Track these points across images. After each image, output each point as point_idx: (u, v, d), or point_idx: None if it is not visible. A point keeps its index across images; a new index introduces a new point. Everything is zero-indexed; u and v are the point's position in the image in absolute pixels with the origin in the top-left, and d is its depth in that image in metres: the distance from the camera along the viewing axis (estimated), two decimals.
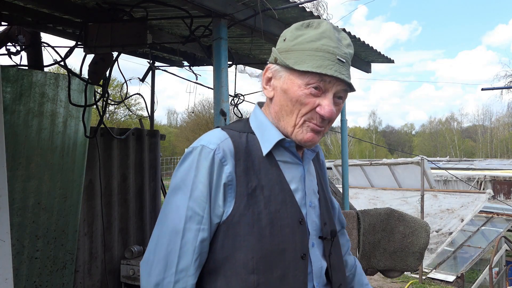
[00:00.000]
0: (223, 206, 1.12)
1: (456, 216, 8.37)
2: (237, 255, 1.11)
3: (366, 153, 45.99)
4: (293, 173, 1.21)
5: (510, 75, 29.61)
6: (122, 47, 3.06)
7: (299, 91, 1.13)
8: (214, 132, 1.20)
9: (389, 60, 5.08)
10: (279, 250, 1.12)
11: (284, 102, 1.16)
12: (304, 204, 1.21)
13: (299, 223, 1.17)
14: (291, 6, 2.90)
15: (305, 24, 1.19)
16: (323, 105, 1.13)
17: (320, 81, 1.13)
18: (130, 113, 26.60)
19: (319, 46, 1.14)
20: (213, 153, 1.12)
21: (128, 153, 4.50)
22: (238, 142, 1.16)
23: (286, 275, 1.12)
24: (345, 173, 4.85)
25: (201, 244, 1.12)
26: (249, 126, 1.23)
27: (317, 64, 1.12)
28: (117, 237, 4.37)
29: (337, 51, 1.15)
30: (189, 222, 1.11)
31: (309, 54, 1.13)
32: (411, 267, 3.97)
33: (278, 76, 1.19)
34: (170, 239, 1.12)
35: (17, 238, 3.25)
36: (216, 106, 2.73)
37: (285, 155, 1.21)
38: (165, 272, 1.11)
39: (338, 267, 1.28)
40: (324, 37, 1.15)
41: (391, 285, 8.01)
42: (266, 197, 1.14)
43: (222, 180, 1.12)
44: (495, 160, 25.97)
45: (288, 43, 1.18)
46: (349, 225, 3.85)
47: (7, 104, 3.16)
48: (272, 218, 1.13)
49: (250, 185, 1.13)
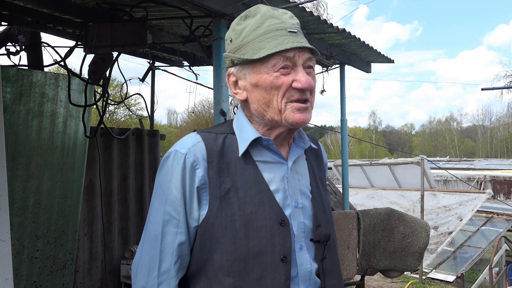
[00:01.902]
0: (199, 209, 1.13)
1: (453, 214, 8.36)
2: (215, 257, 1.12)
3: (366, 153, 46.00)
4: (274, 173, 1.18)
5: (510, 75, 29.62)
6: (122, 47, 3.06)
7: (269, 77, 1.12)
8: (189, 136, 1.20)
9: (389, 60, 5.08)
10: (255, 252, 1.10)
11: (259, 95, 1.15)
12: (288, 205, 1.17)
13: (279, 225, 1.14)
14: (291, 6, 2.91)
15: (242, 17, 1.19)
16: (297, 79, 1.12)
17: (284, 59, 1.11)
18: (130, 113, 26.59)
19: (266, 29, 1.13)
20: (184, 157, 1.13)
21: (128, 153, 4.51)
22: (211, 145, 1.16)
23: (263, 278, 1.11)
24: (345, 173, 4.85)
25: (179, 248, 1.13)
26: (231, 127, 1.22)
27: (273, 45, 1.11)
28: (117, 237, 4.37)
29: (284, 25, 1.14)
30: (166, 226, 1.13)
31: (261, 40, 1.12)
32: (411, 267, 3.97)
33: (242, 75, 1.17)
34: (151, 243, 1.15)
35: (17, 238, 3.25)
36: (216, 106, 2.73)
37: (265, 155, 1.18)
38: (148, 276, 1.14)
39: (332, 272, 1.23)
40: (266, 18, 1.15)
41: (391, 285, 8.01)
42: (241, 198, 1.12)
43: (195, 183, 1.12)
44: (495, 160, 25.96)
45: (236, 41, 1.17)
46: (349, 225, 3.85)
47: (7, 104, 3.16)
48: (247, 220, 1.11)
49: (223, 187, 1.13)
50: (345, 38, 4.06)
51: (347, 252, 3.80)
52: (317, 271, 1.19)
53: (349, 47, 4.46)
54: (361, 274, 4.17)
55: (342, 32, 3.85)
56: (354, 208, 5.19)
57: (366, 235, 3.92)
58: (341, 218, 3.77)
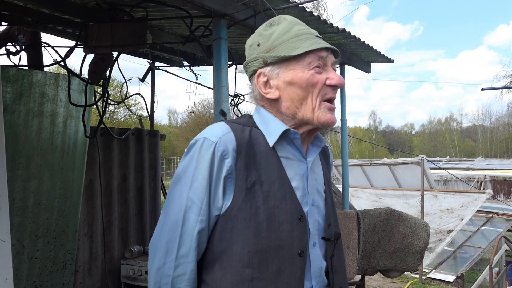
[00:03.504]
0: (223, 199, 1.15)
1: (456, 216, 8.36)
2: (234, 248, 1.13)
3: (366, 153, 45.98)
4: (295, 170, 1.21)
5: (510, 75, 29.64)
6: (122, 47, 3.06)
7: (306, 74, 1.17)
8: (218, 125, 1.21)
9: (389, 60, 5.08)
10: (275, 246, 1.13)
11: (294, 93, 1.19)
12: (306, 202, 1.20)
13: (299, 220, 1.17)
14: (291, 6, 2.91)
15: (268, 24, 1.25)
16: (331, 77, 1.19)
17: (318, 58, 1.18)
18: (130, 113, 26.59)
19: (297, 32, 1.20)
20: (214, 146, 1.14)
21: (128, 153, 4.51)
22: (240, 136, 1.17)
23: (282, 271, 1.13)
24: (345, 173, 4.85)
25: (198, 235, 1.15)
26: (253, 121, 1.24)
27: (308, 44, 1.17)
28: (117, 237, 4.37)
29: (311, 31, 1.22)
30: (188, 211, 1.15)
31: (294, 41, 1.18)
32: (411, 267, 3.97)
33: (274, 75, 1.20)
34: (171, 227, 1.16)
35: (17, 238, 3.25)
36: (216, 106, 2.73)
37: (288, 151, 1.21)
38: (166, 257, 1.16)
39: (339, 270, 1.27)
40: (294, 25, 1.22)
41: (391, 285, 8.01)
42: (265, 192, 1.15)
43: (223, 173, 1.14)
44: (495, 160, 25.94)
45: (265, 44, 1.21)
46: (349, 225, 3.85)
47: (7, 104, 3.16)
48: (270, 213, 1.14)
49: (249, 180, 1.14)
50: (345, 38, 4.07)
51: (347, 252, 3.80)
52: (326, 269, 1.23)
53: (349, 47, 4.46)
54: (361, 274, 4.17)
55: (342, 32, 3.85)
56: (354, 208, 5.19)
57: (366, 235, 3.92)
58: (341, 218, 3.77)
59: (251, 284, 1.12)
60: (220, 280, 1.14)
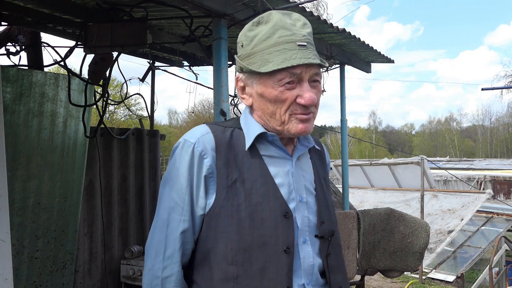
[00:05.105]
0: (205, 198, 1.16)
1: (457, 216, 8.36)
2: (219, 246, 1.14)
3: (366, 153, 45.98)
4: (279, 167, 1.21)
5: (510, 75, 29.64)
6: (122, 47, 3.06)
7: (274, 91, 1.14)
8: (198, 127, 1.24)
9: (389, 60, 5.08)
10: (259, 243, 1.13)
11: (264, 105, 1.18)
12: (293, 199, 1.20)
13: (283, 217, 1.16)
14: (291, 6, 2.91)
15: (255, 22, 1.20)
16: (302, 95, 1.14)
17: (291, 75, 1.13)
18: (130, 113, 26.59)
19: (276, 40, 1.14)
20: (193, 146, 1.17)
21: (128, 153, 4.51)
22: (220, 137, 1.20)
23: (267, 268, 1.13)
24: (345, 173, 4.85)
25: (182, 235, 1.17)
26: (239, 123, 1.26)
27: (280, 60, 1.12)
28: (117, 237, 4.37)
29: (294, 38, 1.14)
30: (172, 212, 1.17)
31: (270, 52, 1.14)
32: (411, 267, 3.97)
33: (249, 83, 1.20)
34: (160, 228, 1.19)
35: (17, 238, 3.25)
36: (216, 106, 2.73)
37: (271, 150, 1.22)
38: (155, 259, 1.18)
39: (337, 269, 1.25)
40: (277, 28, 1.15)
41: (391, 285, 8.01)
42: (247, 189, 1.15)
43: (203, 172, 1.16)
44: (495, 160, 25.94)
45: (246, 48, 1.19)
46: (349, 225, 3.85)
47: (7, 104, 3.16)
48: (252, 210, 1.14)
49: (230, 178, 1.15)
50: (345, 38, 4.07)
51: (347, 252, 3.80)
52: (322, 268, 1.22)
53: (349, 47, 4.46)
54: (361, 274, 4.17)
55: (342, 32, 3.85)
56: (354, 208, 5.19)
57: (366, 235, 3.92)
58: (341, 218, 3.77)
59: (236, 281, 1.12)
60: (209, 280, 1.15)
